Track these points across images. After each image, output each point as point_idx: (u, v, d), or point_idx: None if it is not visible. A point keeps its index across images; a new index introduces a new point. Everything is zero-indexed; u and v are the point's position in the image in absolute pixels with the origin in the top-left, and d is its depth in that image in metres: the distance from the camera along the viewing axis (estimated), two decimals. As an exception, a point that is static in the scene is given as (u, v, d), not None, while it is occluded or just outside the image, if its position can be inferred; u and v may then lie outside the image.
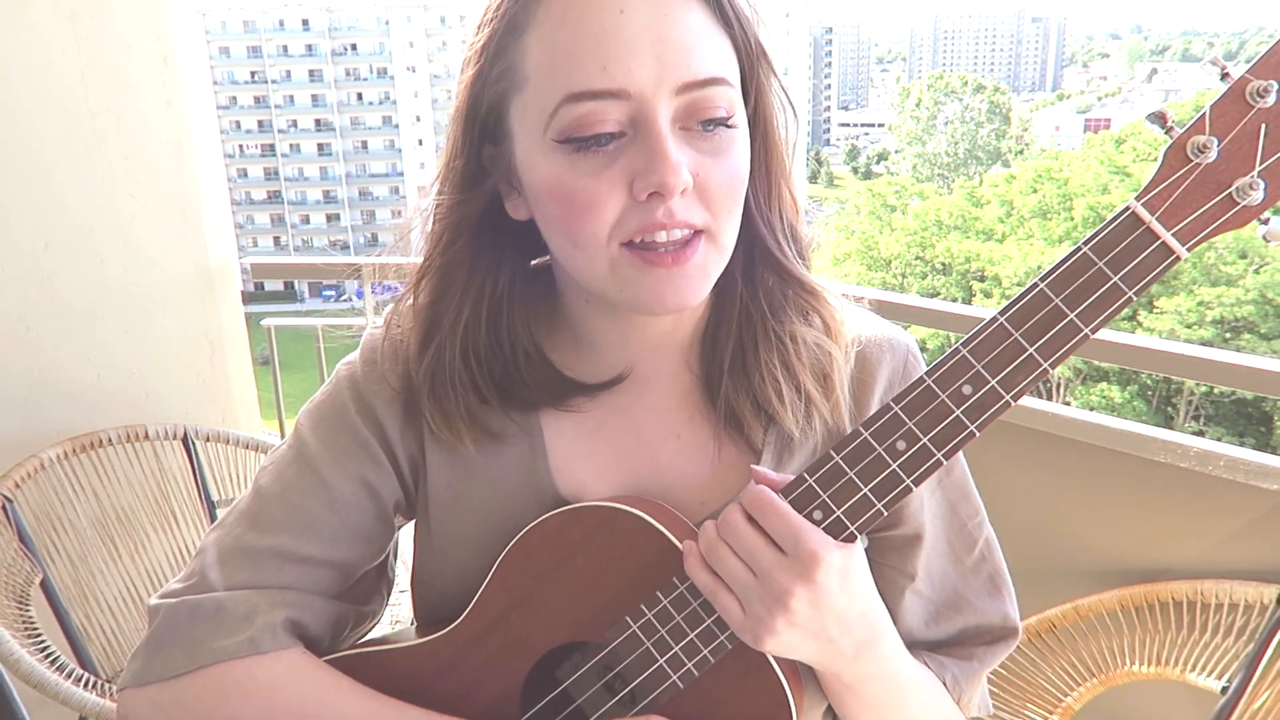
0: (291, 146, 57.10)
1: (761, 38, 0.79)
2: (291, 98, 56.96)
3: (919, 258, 26.03)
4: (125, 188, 2.26)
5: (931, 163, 49.66)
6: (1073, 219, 22.97)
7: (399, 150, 57.03)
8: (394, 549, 0.98)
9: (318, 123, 57.08)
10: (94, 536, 2.15)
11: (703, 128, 0.75)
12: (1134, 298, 0.70)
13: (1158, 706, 1.91)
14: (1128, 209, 0.70)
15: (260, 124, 57.14)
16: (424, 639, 0.88)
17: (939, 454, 0.73)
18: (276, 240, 57.11)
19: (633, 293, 0.77)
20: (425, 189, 0.85)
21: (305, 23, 56.87)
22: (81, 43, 2.14)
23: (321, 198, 57.64)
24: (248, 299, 2.80)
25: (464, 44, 0.80)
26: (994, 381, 0.72)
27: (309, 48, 56.81)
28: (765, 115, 0.81)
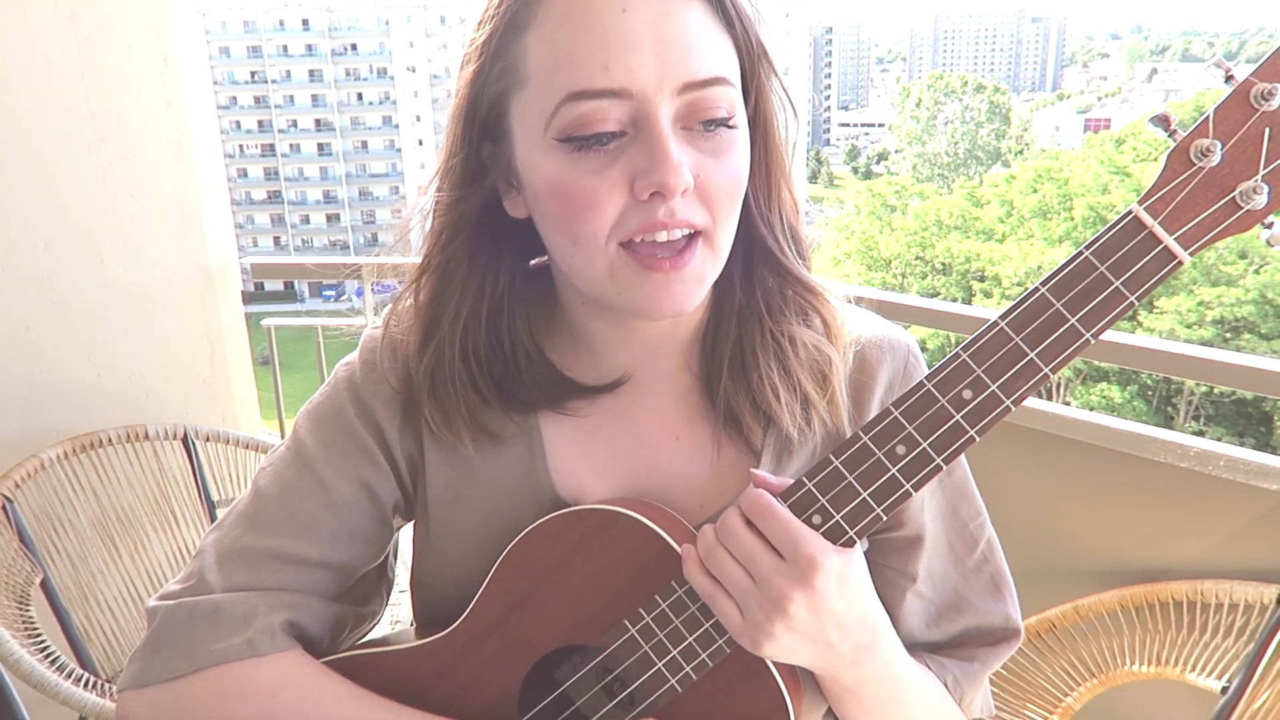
0: (291, 146, 57.06)
1: (763, 37, 0.78)
2: (291, 98, 56.92)
3: (919, 258, 26.03)
4: (125, 188, 2.25)
5: (931, 163, 49.62)
6: (1073, 219, 22.97)
7: (399, 150, 56.98)
8: (393, 549, 0.98)
9: (318, 123, 57.03)
10: (94, 536, 2.14)
11: (704, 128, 0.74)
12: (1136, 302, 0.70)
13: (1158, 706, 1.91)
14: (1130, 213, 0.70)
15: (260, 124, 57.09)
16: (422, 641, 0.88)
17: (939, 459, 0.73)
18: (276, 240, 57.07)
19: (629, 296, 0.77)
20: (424, 187, 0.85)
21: (305, 23, 56.82)
22: (81, 43, 2.14)
23: (321, 198, 57.60)
24: (248, 299, 2.79)
25: (464, 41, 0.79)
26: (994, 386, 0.72)
27: (309, 48, 56.76)
28: (765, 115, 0.81)
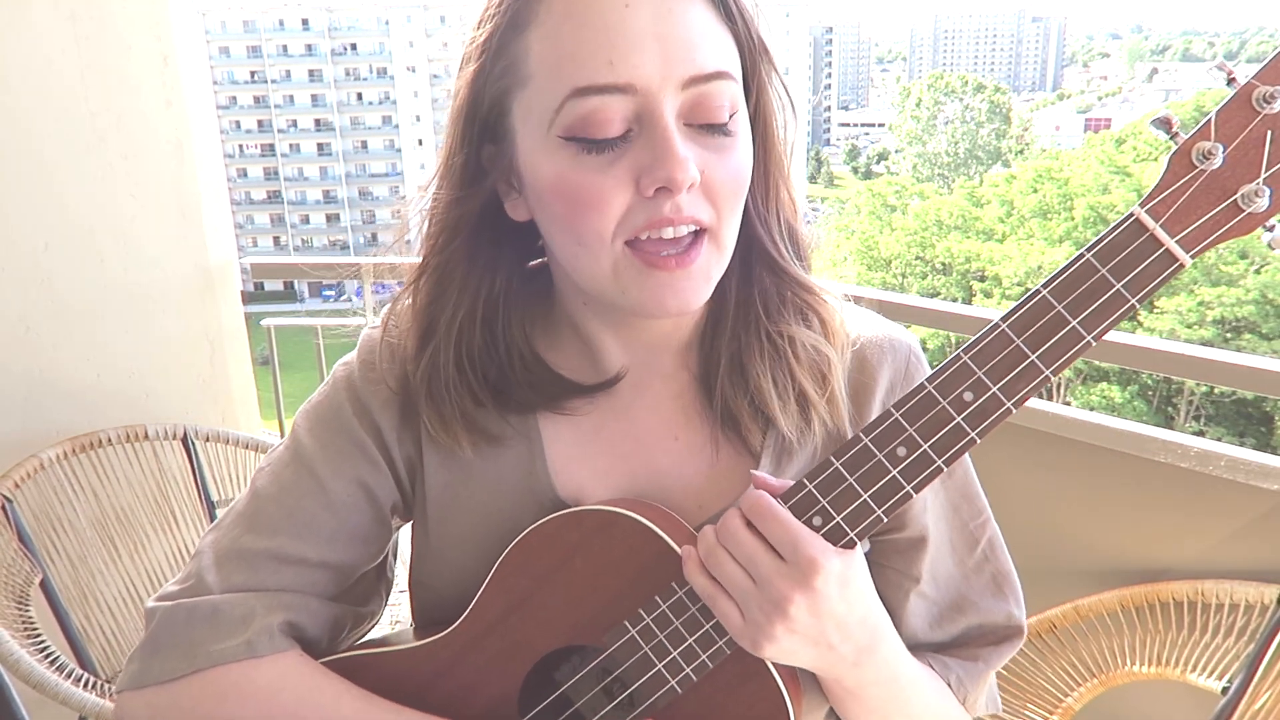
0: (291, 146, 57.02)
1: (763, 32, 0.78)
2: (291, 98, 56.89)
3: (919, 258, 26.03)
4: (125, 188, 2.25)
5: (931, 163, 49.59)
6: (1073, 219, 22.97)
7: (399, 150, 56.93)
8: (392, 549, 0.98)
9: (318, 123, 56.99)
10: (94, 537, 2.14)
11: (707, 129, 0.74)
12: (1137, 305, 0.70)
13: (1158, 707, 1.91)
14: (1131, 215, 0.70)
15: (260, 124, 57.05)
16: (422, 641, 0.88)
17: (939, 460, 0.73)
18: (276, 240, 57.02)
19: (634, 295, 0.77)
20: (424, 187, 0.84)
21: (305, 22, 56.78)
22: (81, 43, 2.14)
23: (321, 198, 57.55)
24: (248, 299, 2.79)
25: (464, 40, 0.79)
26: (995, 388, 0.72)
27: (309, 48, 56.72)
28: (765, 113, 0.81)
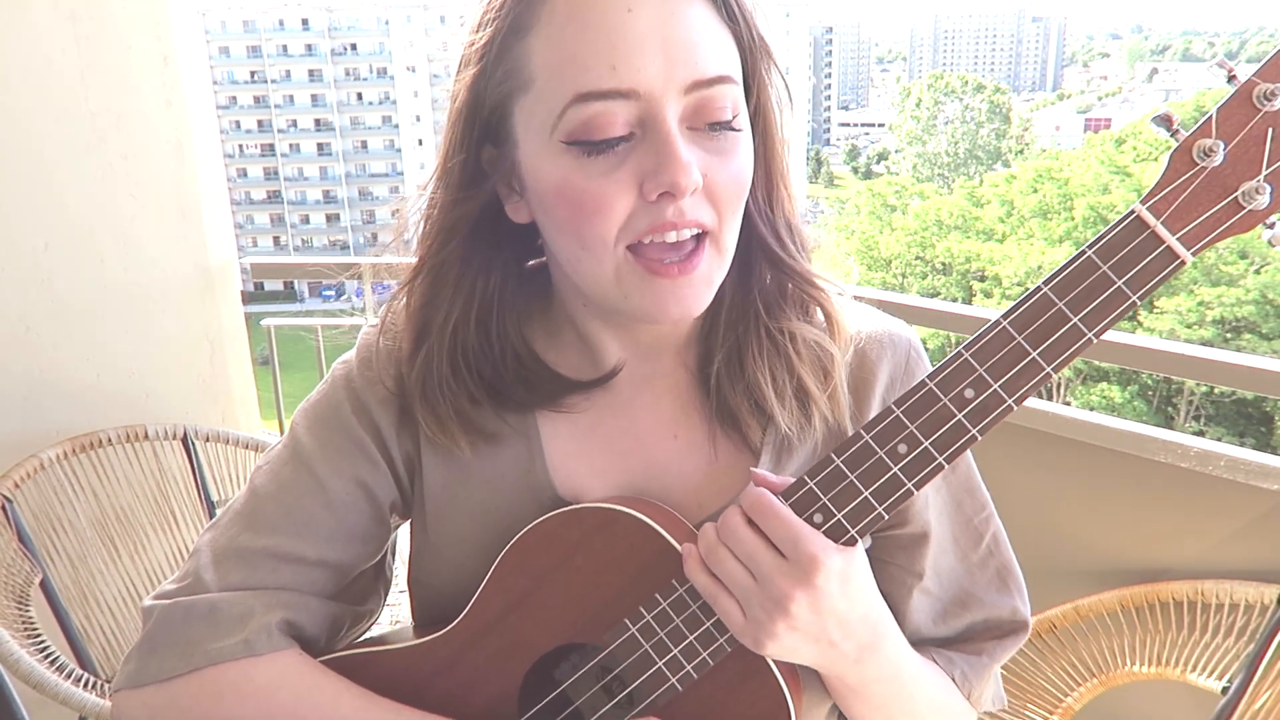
0: (291, 146, 57.01)
1: (763, 30, 0.79)
2: (291, 98, 56.88)
3: (919, 258, 26.03)
4: (125, 188, 2.25)
5: (932, 163, 49.59)
6: (1073, 219, 22.98)
7: (399, 150, 56.92)
8: (391, 548, 0.98)
9: (318, 123, 56.98)
10: (94, 537, 2.14)
11: (709, 129, 0.74)
12: (1138, 302, 0.70)
13: (1158, 707, 1.91)
14: (1133, 213, 0.70)
15: (260, 124, 57.04)
16: (421, 640, 0.87)
17: (940, 458, 0.73)
18: (276, 240, 57.01)
19: (636, 301, 0.77)
20: (422, 188, 0.84)
21: (305, 22, 56.77)
22: (81, 43, 2.14)
23: (321, 198, 57.54)
24: (248, 299, 2.79)
25: (463, 43, 0.79)
26: (996, 385, 0.72)
27: (309, 47, 56.71)
28: (765, 112, 0.81)
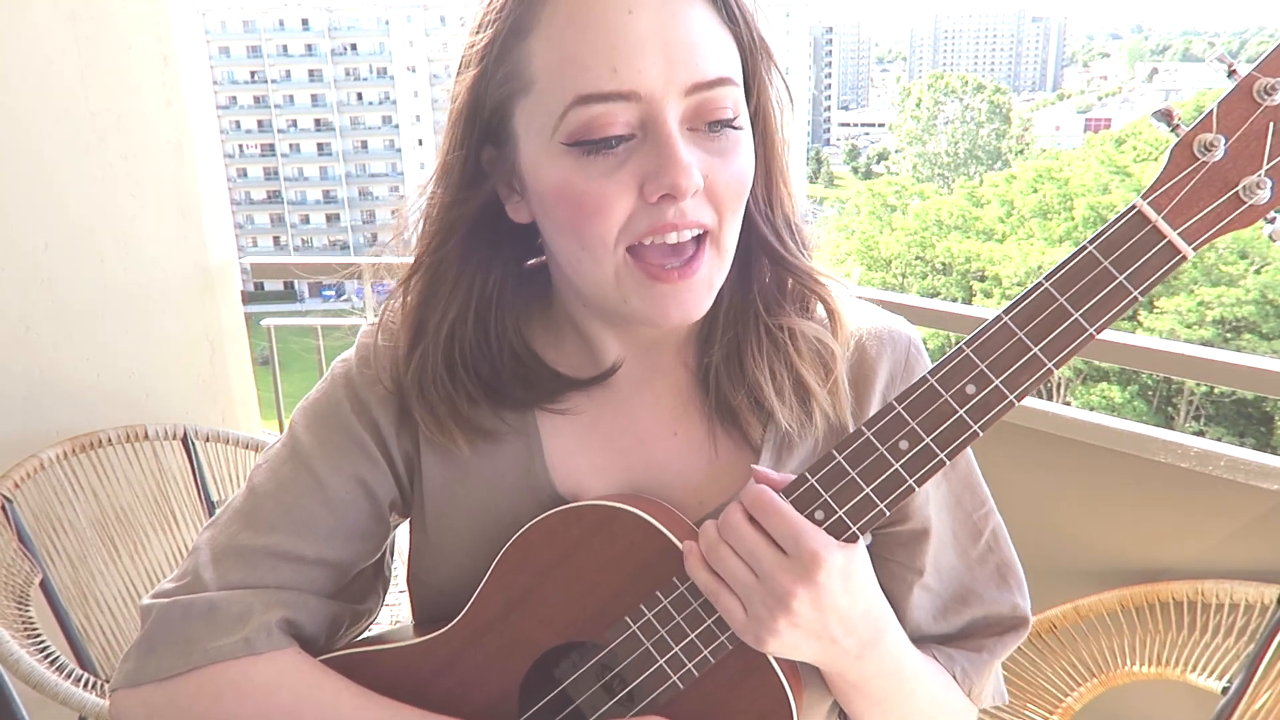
0: (291, 146, 57.04)
1: (763, 30, 0.79)
2: (291, 98, 56.91)
3: (919, 258, 26.04)
4: (125, 188, 2.25)
5: (932, 163, 49.60)
6: (1073, 219, 22.99)
7: (399, 150, 56.94)
8: (390, 547, 0.98)
9: (318, 123, 57.01)
10: (94, 536, 2.14)
11: (709, 128, 0.74)
12: (1139, 297, 0.70)
13: (1158, 707, 1.91)
14: (1134, 208, 0.70)
15: (260, 124, 57.06)
16: (421, 638, 0.87)
17: (942, 454, 0.73)
18: (276, 240, 57.02)
19: (636, 305, 0.77)
20: (421, 188, 0.84)
21: (305, 22, 56.79)
22: (81, 43, 2.14)
23: (321, 198, 57.56)
24: (248, 299, 2.79)
25: (463, 43, 0.79)
26: (998, 381, 0.72)
27: (309, 47, 56.74)
28: (765, 112, 0.81)
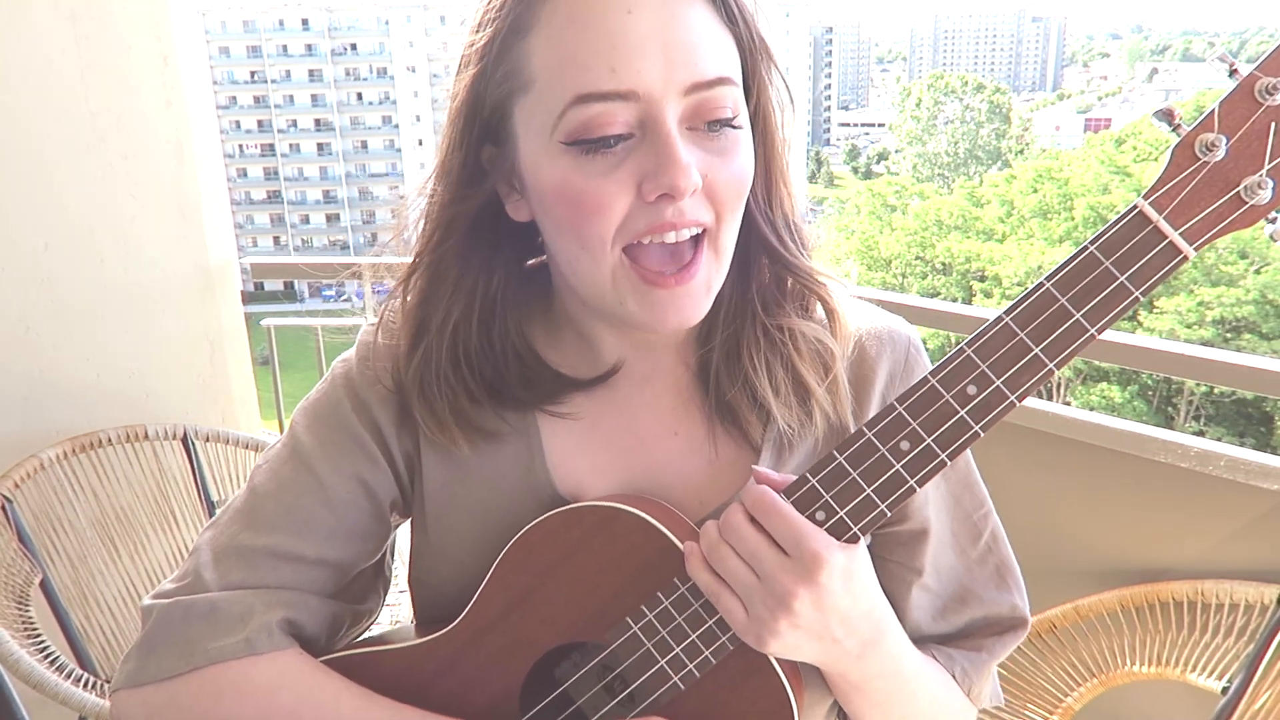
0: (291, 146, 57.01)
1: (763, 30, 0.78)
2: (291, 98, 56.88)
3: (919, 258, 26.04)
4: (125, 188, 2.25)
5: (932, 163, 49.60)
6: (1073, 219, 22.99)
7: (399, 150, 56.92)
8: (391, 547, 0.98)
9: (318, 123, 56.99)
10: (94, 537, 2.14)
11: (709, 128, 0.74)
12: (1140, 297, 0.70)
13: (1158, 707, 1.91)
14: (1135, 208, 0.70)
15: (260, 124, 57.04)
16: (422, 639, 0.87)
17: (943, 454, 0.73)
18: (276, 240, 57.00)
19: (632, 308, 0.77)
20: (421, 187, 0.84)
21: (305, 22, 56.77)
22: (81, 43, 2.14)
23: (321, 198, 57.54)
24: (248, 299, 2.79)
25: (463, 43, 0.79)
26: (999, 382, 0.72)
27: (309, 47, 56.72)
28: (765, 112, 0.81)
